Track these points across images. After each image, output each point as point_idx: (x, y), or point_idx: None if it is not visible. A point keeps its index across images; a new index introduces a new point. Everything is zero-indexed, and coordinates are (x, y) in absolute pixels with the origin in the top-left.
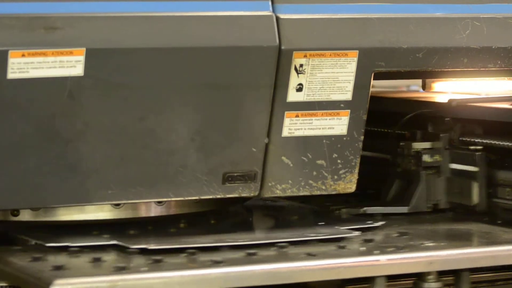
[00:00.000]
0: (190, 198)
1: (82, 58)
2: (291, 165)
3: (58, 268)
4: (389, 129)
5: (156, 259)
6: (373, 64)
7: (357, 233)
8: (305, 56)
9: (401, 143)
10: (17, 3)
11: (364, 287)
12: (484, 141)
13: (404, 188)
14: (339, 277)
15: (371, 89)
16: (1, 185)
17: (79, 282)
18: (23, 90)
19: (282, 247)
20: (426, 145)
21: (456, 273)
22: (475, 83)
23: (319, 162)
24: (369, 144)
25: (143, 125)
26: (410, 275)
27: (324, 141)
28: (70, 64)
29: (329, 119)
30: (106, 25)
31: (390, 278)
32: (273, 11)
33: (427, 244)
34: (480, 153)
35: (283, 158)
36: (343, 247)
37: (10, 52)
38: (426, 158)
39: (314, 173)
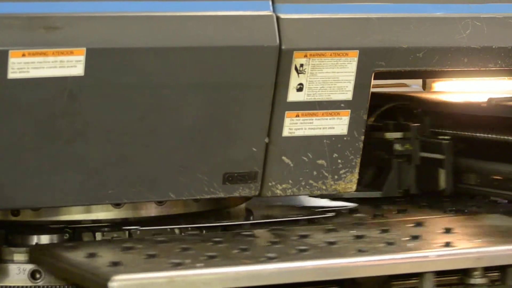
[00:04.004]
0: (190, 198)
1: (82, 58)
2: (292, 165)
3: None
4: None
5: None
6: (373, 63)
7: (331, 214)
8: (305, 56)
9: (375, 133)
10: (17, 3)
11: (410, 283)
12: (452, 131)
13: (377, 175)
14: (388, 273)
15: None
16: (1, 185)
17: (137, 278)
18: (24, 90)
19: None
20: (398, 135)
21: (502, 269)
22: (475, 82)
23: (319, 162)
24: None
25: (143, 124)
26: (456, 271)
27: (325, 141)
28: (70, 64)
29: (330, 119)
30: (106, 25)
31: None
32: (274, 11)
33: (475, 240)
34: (447, 142)
35: (284, 158)
36: (392, 243)
37: (10, 52)
38: (397, 147)
39: (315, 173)
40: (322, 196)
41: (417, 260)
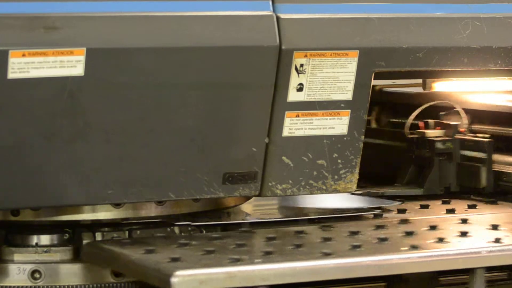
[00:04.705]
0: (190, 198)
1: (82, 58)
2: (292, 165)
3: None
4: (404, 119)
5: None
6: (373, 63)
7: (378, 211)
8: (305, 56)
9: (416, 132)
10: (17, 3)
11: (457, 278)
12: (491, 129)
13: (418, 173)
14: (442, 269)
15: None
16: (1, 185)
17: (198, 273)
18: (24, 90)
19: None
20: (439, 133)
21: None
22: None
23: (319, 162)
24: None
25: (143, 124)
26: (503, 267)
27: (325, 141)
28: (70, 64)
29: (330, 119)
30: (106, 25)
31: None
32: (274, 11)
33: None
34: (488, 140)
35: (284, 158)
36: (442, 240)
37: (10, 52)
38: (438, 145)
39: (315, 173)
40: (362, 194)
41: (471, 256)
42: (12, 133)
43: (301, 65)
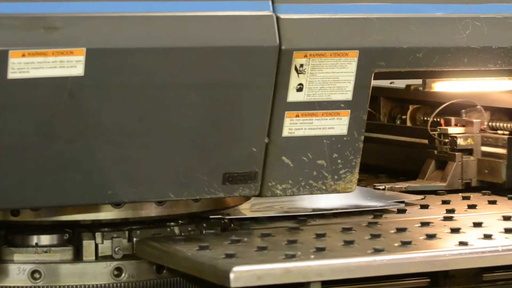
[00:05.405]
0: (190, 198)
1: (82, 58)
2: (292, 165)
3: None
4: (427, 117)
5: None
6: (373, 64)
7: (402, 205)
8: (305, 56)
9: (438, 128)
10: (17, 3)
11: (503, 274)
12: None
13: (440, 168)
14: (494, 264)
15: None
16: (1, 185)
17: (255, 269)
18: (24, 90)
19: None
20: (460, 130)
21: None
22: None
23: (319, 162)
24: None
25: (143, 124)
26: None
27: (325, 141)
28: (70, 64)
29: (329, 119)
30: (106, 25)
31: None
32: (274, 11)
33: None
34: (508, 136)
35: (284, 158)
36: (489, 236)
37: (10, 52)
38: (460, 141)
39: (314, 173)
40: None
41: None
42: (12, 133)
43: (301, 65)
